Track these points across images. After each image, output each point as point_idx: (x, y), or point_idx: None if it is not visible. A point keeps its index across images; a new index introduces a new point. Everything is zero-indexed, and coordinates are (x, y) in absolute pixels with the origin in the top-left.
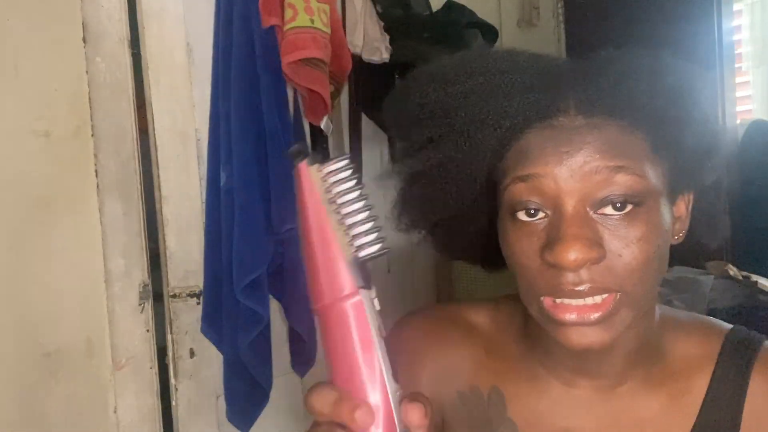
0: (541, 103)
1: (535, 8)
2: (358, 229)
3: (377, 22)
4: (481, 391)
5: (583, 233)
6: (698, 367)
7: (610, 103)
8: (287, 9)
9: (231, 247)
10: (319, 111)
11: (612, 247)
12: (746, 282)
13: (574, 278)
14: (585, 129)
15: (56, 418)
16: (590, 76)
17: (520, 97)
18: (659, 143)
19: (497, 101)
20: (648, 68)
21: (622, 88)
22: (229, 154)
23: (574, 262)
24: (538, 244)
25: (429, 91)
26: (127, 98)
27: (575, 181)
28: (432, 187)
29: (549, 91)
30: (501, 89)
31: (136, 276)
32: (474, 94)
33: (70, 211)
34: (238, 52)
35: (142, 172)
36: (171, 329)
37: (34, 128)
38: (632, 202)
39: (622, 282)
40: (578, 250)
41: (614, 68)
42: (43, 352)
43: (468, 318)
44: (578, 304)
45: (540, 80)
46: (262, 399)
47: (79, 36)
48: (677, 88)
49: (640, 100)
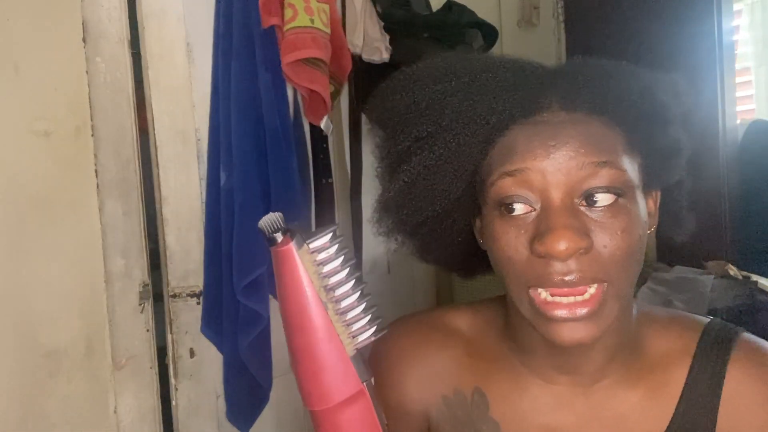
0: (526, 100)
1: (535, 8)
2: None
3: (377, 22)
4: (464, 393)
5: (572, 223)
6: (676, 361)
7: (590, 99)
8: (287, 9)
9: (231, 247)
10: (319, 111)
11: (597, 238)
12: (746, 282)
13: (563, 268)
14: (569, 124)
15: (56, 418)
16: (571, 74)
17: (505, 94)
18: (634, 139)
19: (483, 99)
20: (625, 69)
21: (601, 85)
22: (229, 154)
23: (566, 251)
24: (526, 236)
25: (415, 90)
26: (127, 98)
27: (562, 174)
28: (418, 186)
29: (532, 88)
30: (486, 87)
31: (136, 276)
32: (460, 92)
33: (70, 211)
34: (238, 52)
35: (142, 172)
36: (171, 329)
37: (34, 128)
38: (615, 193)
39: (608, 272)
40: (569, 239)
41: (593, 68)
42: (43, 352)
43: (449, 322)
44: (568, 301)
45: (523, 78)
46: (262, 399)
47: (79, 36)
48: (651, 88)
49: (618, 96)
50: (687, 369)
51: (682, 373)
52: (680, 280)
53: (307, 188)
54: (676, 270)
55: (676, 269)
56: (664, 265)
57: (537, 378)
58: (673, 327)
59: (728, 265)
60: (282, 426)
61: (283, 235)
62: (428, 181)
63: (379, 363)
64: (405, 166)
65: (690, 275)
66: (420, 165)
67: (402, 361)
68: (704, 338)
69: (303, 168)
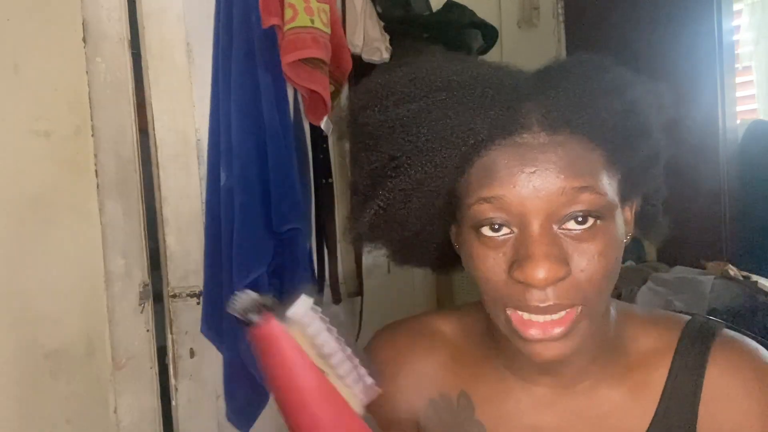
0: (505, 120)
1: (535, 8)
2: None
3: (377, 22)
4: (450, 396)
5: (552, 252)
6: (657, 359)
7: (571, 120)
8: (287, 9)
9: (231, 247)
10: (319, 111)
11: (575, 262)
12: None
13: (540, 295)
14: (549, 147)
15: (56, 418)
16: (551, 91)
17: (483, 113)
18: (615, 156)
19: (460, 118)
20: (606, 84)
21: (582, 105)
22: (229, 153)
23: (544, 281)
24: (504, 259)
25: (389, 107)
26: (127, 98)
27: (541, 201)
28: (393, 209)
29: (512, 107)
30: (464, 105)
31: (136, 276)
32: (436, 110)
33: (70, 211)
34: (238, 52)
35: (142, 172)
36: (171, 329)
37: (34, 128)
38: (594, 216)
39: (585, 296)
40: (548, 269)
41: (574, 80)
42: (43, 352)
43: (435, 327)
44: (544, 320)
45: (502, 95)
46: (262, 399)
47: (79, 36)
48: (635, 106)
49: (600, 115)
50: (668, 367)
51: (663, 371)
52: (680, 280)
53: (307, 188)
54: (676, 270)
55: (676, 269)
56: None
57: (520, 380)
58: (654, 326)
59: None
60: (282, 426)
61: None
62: (404, 205)
63: None
64: (380, 190)
65: (690, 275)
66: (396, 189)
67: (389, 369)
68: (684, 336)
69: (303, 168)
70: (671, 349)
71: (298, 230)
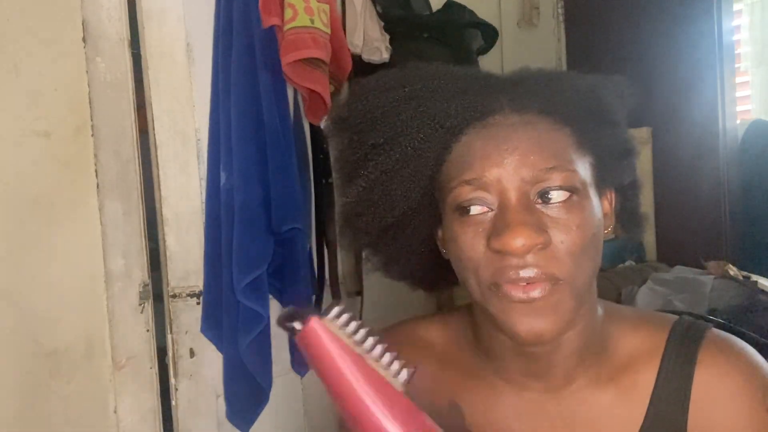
0: (478, 103)
1: (535, 8)
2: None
3: (377, 22)
4: (438, 406)
5: (529, 219)
6: (645, 360)
7: (539, 100)
8: (287, 9)
9: (231, 247)
10: (319, 111)
11: (554, 234)
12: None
13: (519, 263)
14: (519, 126)
15: (56, 418)
16: (519, 79)
17: (458, 98)
18: (583, 138)
19: (436, 104)
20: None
21: (548, 87)
22: (229, 153)
23: (522, 248)
24: (484, 234)
25: (370, 99)
26: (127, 98)
27: (516, 176)
28: (376, 191)
29: (483, 92)
30: (439, 93)
31: (136, 276)
32: (414, 99)
33: (70, 211)
34: (238, 52)
35: (142, 172)
36: (171, 329)
37: (34, 128)
38: (568, 191)
39: (564, 268)
40: (525, 235)
41: (540, 73)
42: (43, 352)
43: (422, 335)
44: (525, 283)
45: (474, 83)
46: (262, 399)
47: (79, 36)
48: (596, 88)
49: (565, 96)
50: (656, 369)
51: (652, 373)
52: (680, 280)
53: (307, 188)
54: (676, 270)
55: (676, 269)
56: (664, 265)
57: (509, 385)
58: (642, 327)
59: (728, 265)
60: (282, 426)
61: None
62: (386, 186)
63: None
64: (363, 171)
65: (690, 275)
66: (377, 170)
67: None
68: (672, 337)
69: (303, 168)
70: (659, 350)
71: (298, 230)
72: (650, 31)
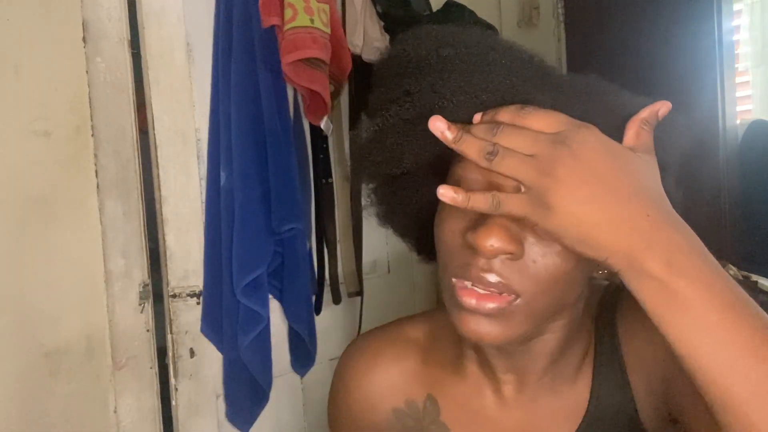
0: (519, 87)
1: (535, 8)
2: None
3: (377, 22)
4: (416, 402)
5: (509, 225)
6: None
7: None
8: (287, 9)
9: (231, 246)
10: (319, 111)
11: (531, 251)
12: (746, 282)
13: (485, 265)
14: None
15: (56, 418)
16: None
17: (501, 76)
18: None
19: (481, 75)
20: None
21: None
22: (229, 153)
23: (491, 249)
24: (464, 222)
25: (421, 48)
26: (127, 98)
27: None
28: (391, 138)
29: (528, 80)
30: (484, 66)
31: (136, 276)
32: (461, 62)
33: (70, 211)
34: (238, 52)
35: (142, 172)
36: (171, 329)
37: (34, 128)
38: None
39: (526, 287)
40: (499, 238)
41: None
42: (43, 352)
43: (405, 334)
44: (482, 292)
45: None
46: (262, 399)
47: (79, 36)
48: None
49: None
50: (593, 347)
51: (592, 351)
52: None
53: (307, 188)
54: None
55: None
56: None
57: (486, 379)
58: None
59: (728, 265)
60: (282, 426)
61: None
62: (400, 135)
63: (333, 384)
64: (385, 113)
65: None
66: (397, 116)
67: (352, 384)
68: (599, 313)
69: (303, 168)
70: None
71: (298, 230)
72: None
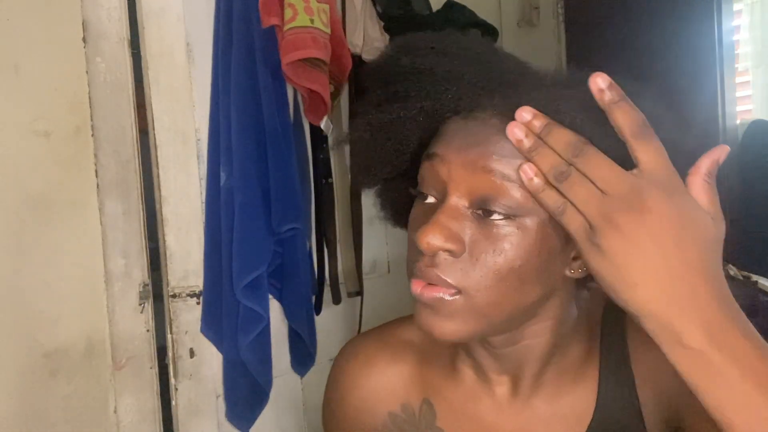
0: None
1: (535, 8)
2: None
3: (377, 22)
4: (412, 407)
5: (449, 225)
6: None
7: None
8: (287, 9)
9: (231, 246)
10: (319, 111)
11: (475, 248)
12: (746, 282)
13: (428, 261)
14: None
15: (56, 418)
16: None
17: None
18: None
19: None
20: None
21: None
22: (229, 153)
23: (427, 246)
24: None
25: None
26: (127, 98)
27: (466, 173)
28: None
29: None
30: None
31: (136, 276)
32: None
33: (70, 211)
34: (238, 52)
35: (142, 172)
36: (171, 329)
37: (34, 128)
38: (512, 214)
39: (468, 284)
40: (436, 237)
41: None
42: (43, 352)
43: (400, 336)
44: (429, 283)
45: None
46: (262, 399)
47: (79, 36)
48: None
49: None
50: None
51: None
52: None
53: (307, 188)
54: None
55: None
56: None
57: (482, 382)
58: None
59: (728, 265)
60: (282, 426)
61: None
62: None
63: (327, 387)
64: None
65: None
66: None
67: (348, 386)
68: (606, 318)
69: (303, 168)
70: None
71: (297, 230)
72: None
